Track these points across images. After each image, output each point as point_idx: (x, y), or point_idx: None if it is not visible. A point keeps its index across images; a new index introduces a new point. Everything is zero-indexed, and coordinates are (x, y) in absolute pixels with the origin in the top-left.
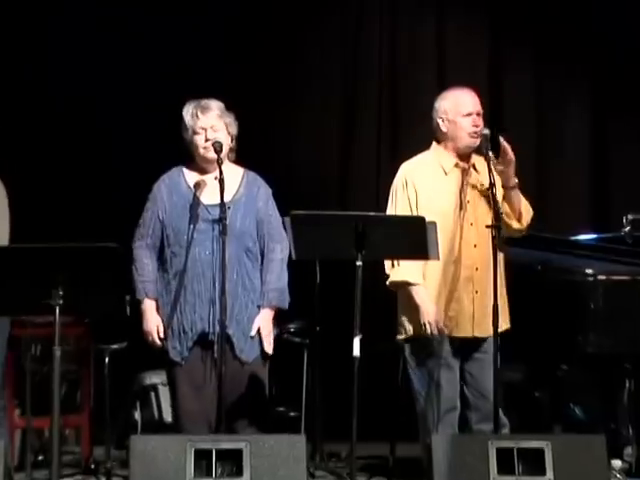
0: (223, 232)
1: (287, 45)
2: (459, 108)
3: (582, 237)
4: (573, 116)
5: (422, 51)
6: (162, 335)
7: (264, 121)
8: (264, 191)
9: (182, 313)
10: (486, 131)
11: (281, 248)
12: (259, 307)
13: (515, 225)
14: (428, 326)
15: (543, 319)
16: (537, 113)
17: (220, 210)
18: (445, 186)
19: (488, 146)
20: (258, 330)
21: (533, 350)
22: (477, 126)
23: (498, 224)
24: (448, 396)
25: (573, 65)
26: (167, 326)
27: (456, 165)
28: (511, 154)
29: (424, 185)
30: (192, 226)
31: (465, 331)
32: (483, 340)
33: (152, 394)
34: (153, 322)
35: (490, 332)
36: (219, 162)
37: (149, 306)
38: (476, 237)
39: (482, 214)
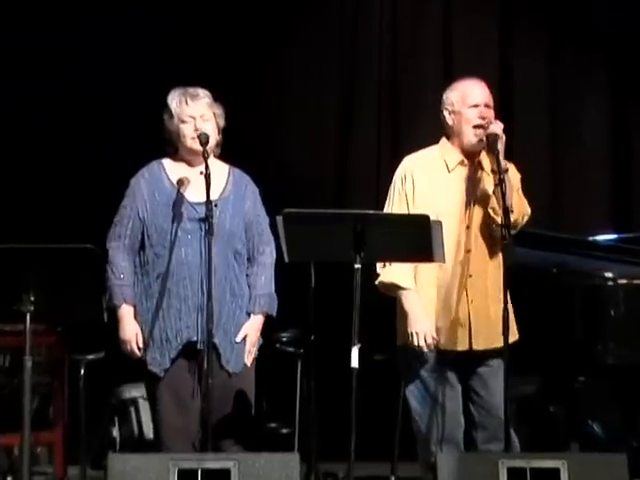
0: (209, 232)
1: (282, 41)
2: (466, 99)
3: (601, 237)
4: (591, 105)
5: (425, 38)
6: (141, 344)
7: (258, 118)
8: (252, 190)
9: (165, 320)
10: (497, 130)
11: (270, 250)
12: (249, 314)
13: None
14: (415, 336)
15: (558, 327)
16: (551, 102)
17: (206, 208)
18: (447, 184)
19: (496, 145)
20: (244, 338)
21: (547, 361)
22: (484, 118)
23: (508, 223)
24: (450, 412)
25: (589, 50)
26: (147, 334)
27: (461, 162)
28: (496, 129)
29: (423, 181)
30: (177, 225)
31: (460, 344)
32: (485, 353)
33: (132, 409)
34: (132, 330)
35: (491, 344)
36: (205, 155)
37: (127, 312)
38: (469, 242)
39: (477, 217)
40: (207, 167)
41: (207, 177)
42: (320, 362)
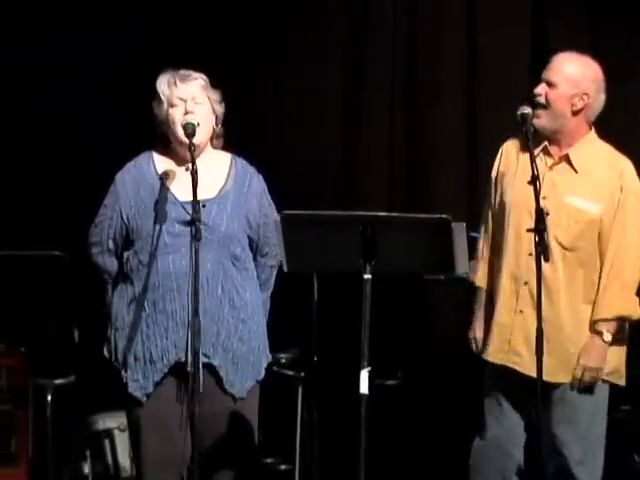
0: (196, 237)
1: (284, 21)
2: None
3: None
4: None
5: (446, 10)
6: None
7: (255, 107)
8: (257, 185)
9: (150, 338)
10: (526, 110)
11: (275, 253)
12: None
13: None
14: (470, 343)
15: None
16: None
17: (192, 209)
18: (525, 169)
19: (529, 129)
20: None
21: None
22: (534, 96)
23: (541, 227)
24: (493, 437)
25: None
26: (127, 352)
27: (544, 149)
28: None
29: (507, 162)
30: (163, 228)
31: (492, 356)
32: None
33: (106, 442)
34: None
35: (554, 378)
36: (191, 150)
37: None
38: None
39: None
40: (194, 162)
41: (193, 174)
42: (324, 387)
